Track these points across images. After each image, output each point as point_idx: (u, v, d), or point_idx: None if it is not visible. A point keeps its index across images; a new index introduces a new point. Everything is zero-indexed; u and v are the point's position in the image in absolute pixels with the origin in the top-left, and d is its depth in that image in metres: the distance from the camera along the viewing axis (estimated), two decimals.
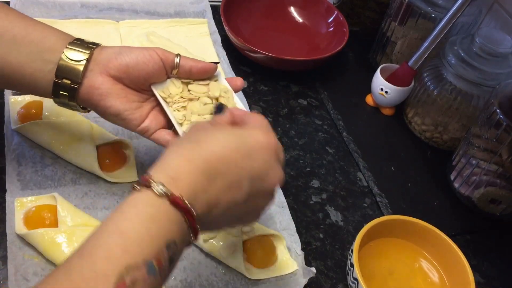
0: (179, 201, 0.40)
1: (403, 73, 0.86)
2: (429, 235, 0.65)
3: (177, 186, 0.41)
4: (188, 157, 0.43)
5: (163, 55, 0.57)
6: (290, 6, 1.04)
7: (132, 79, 0.56)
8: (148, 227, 0.38)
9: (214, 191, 0.43)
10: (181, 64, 0.58)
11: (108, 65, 0.55)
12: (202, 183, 0.42)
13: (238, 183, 0.44)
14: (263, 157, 0.46)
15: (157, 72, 0.57)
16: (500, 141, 0.70)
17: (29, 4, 0.88)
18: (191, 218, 0.41)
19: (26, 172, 0.65)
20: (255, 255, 0.62)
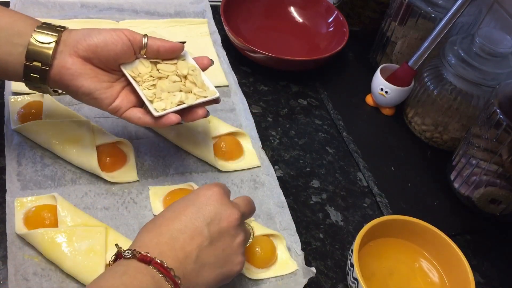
0: (147, 258, 0.47)
1: (403, 73, 0.86)
2: (429, 235, 0.65)
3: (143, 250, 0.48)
4: (149, 231, 0.50)
5: (131, 35, 0.59)
6: (290, 6, 1.04)
7: (102, 59, 0.58)
8: (121, 279, 0.45)
9: (179, 245, 0.49)
10: (149, 44, 0.60)
11: (77, 46, 0.56)
12: (167, 244, 0.49)
13: (197, 231, 0.50)
14: (209, 204, 0.52)
15: (126, 52, 0.59)
16: (500, 141, 0.70)
17: (29, 4, 0.88)
18: (163, 269, 0.47)
19: (26, 172, 0.65)
20: (255, 255, 0.62)
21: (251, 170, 0.74)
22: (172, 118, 0.58)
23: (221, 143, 0.74)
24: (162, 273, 0.46)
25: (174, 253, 0.49)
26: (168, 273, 0.47)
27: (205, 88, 0.63)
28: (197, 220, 0.51)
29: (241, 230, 0.54)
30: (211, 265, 0.51)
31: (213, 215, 0.52)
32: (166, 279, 0.46)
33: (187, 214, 0.51)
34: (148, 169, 0.71)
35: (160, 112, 0.58)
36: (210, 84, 0.63)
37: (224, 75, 0.88)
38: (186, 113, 0.61)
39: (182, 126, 0.74)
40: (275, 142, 0.81)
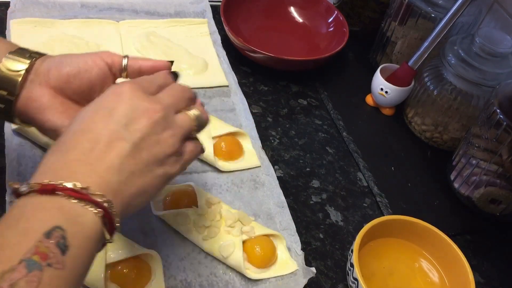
0: (49, 186, 0.38)
1: (403, 73, 0.86)
2: (429, 235, 0.65)
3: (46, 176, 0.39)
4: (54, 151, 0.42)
5: (108, 58, 0.52)
6: (290, 6, 1.04)
7: (75, 90, 0.51)
8: (17, 228, 0.36)
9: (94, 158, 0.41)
10: (129, 65, 0.53)
11: (49, 76, 0.50)
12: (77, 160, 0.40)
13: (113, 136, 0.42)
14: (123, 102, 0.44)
15: (102, 79, 0.52)
16: (500, 141, 0.70)
17: (29, 4, 0.88)
18: (74, 193, 0.38)
19: (26, 172, 0.65)
20: (255, 255, 0.62)
21: (251, 170, 0.74)
22: None
23: (221, 143, 0.74)
24: (74, 197, 0.38)
25: (89, 168, 0.40)
26: (82, 195, 0.38)
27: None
28: (111, 124, 0.43)
29: (169, 122, 0.46)
30: (141, 171, 0.43)
31: (128, 113, 0.44)
32: (82, 202, 0.38)
33: (97, 120, 0.43)
34: None
35: None
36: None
37: (224, 75, 0.88)
38: None
39: None
40: (275, 142, 0.81)
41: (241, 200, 0.70)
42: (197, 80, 0.85)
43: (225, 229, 0.63)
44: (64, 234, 0.36)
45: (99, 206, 0.39)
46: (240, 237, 0.63)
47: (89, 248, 0.39)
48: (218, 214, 0.64)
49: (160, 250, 0.62)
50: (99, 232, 0.39)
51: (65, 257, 0.36)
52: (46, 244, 0.35)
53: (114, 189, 0.41)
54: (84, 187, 0.39)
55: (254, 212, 0.69)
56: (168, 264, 0.61)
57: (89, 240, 0.39)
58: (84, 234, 0.38)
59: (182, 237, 0.64)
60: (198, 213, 0.64)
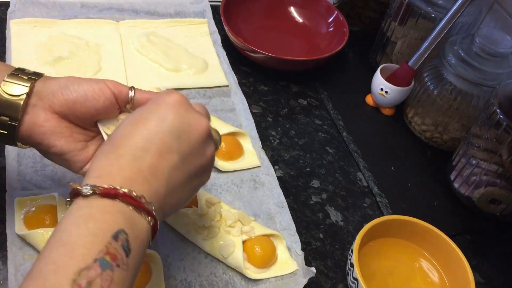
0: (111, 191, 0.39)
1: (403, 73, 0.86)
2: (429, 235, 0.65)
3: (105, 180, 0.40)
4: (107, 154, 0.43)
5: (115, 88, 0.51)
6: (290, 6, 1.04)
7: (79, 116, 0.50)
8: (87, 228, 0.37)
9: (146, 167, 0.42)
10: (137, 98, 0.52)
11: (53, 100, 0.49)
12: (130, 166, 0.41)
13: (165, 147, 0.43)
14: (175, 113, 0.45)
15: (108, 108, 0.51)
16: (500, 141, 0.70)
17: (29, 4, 0.88)
18: (133, 201, 0.40)
19: (26, 172, 0.65)
20: (255, 255, 0.62)
21: (251, 170, 0.74)
22: None
23: (221, 143, 0.74)
24: (132, 205, 0.40)
25: (142, 176, 0.41)
26: (139, 203, 0.40)
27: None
28: (163, 133, 0.44)
29: (211, 139, 0.48)
30: (183, 183, 0.45)
31: (180, 126, 0.45)
32: (138, 210, 0.40)
33: (149, 127, 0.44)
34: None
35: None
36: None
37: (224, 75, 0.88)
38: None
39: None
40: (275, 142, 0.81)
41: (241, 200, 0.70)
42: (197, 80, 0.85)
43: (225, 229, 0.63)
44: (127, 237, 0.38)
45: (151, 215, 0.41)
46: (240, 237, 0.63)
47: (143, 252, 0.41)
48: (218, 214, 0.64)
49: (160, 250, 0.62)
50: (149, 238, 0.42)
51: (129, 259, 0.38)
52: (114, 245, 0.37)
53: (161, 200, 0.43)
54: (139, 195, 0.40)
55: (254, 212, 0.69)
56: (168, 264, 0.61)
57: (144, 244, 0.41)
58: (140, 239, 0.40)
59: (182, 237, 0.64)
60: (198, 213, 0.64)
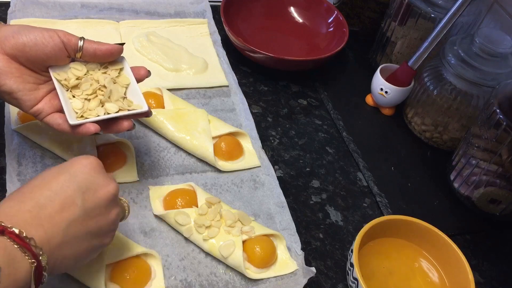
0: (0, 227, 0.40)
1: (403, 73, 0.86)
2: (429, 235, 0.65)
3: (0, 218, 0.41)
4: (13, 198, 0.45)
5: (64, 37, 0.56)
6: (290, 6, 1.04)
7: (29, 59, 0.55)
8: None
9: (45, 215, 0.44)
10: (85, 47, 0.57)
11: (5, 43, 0.54)
12: (30, 212, 0.43)
13: (69, 200, 0.46)
14: (86, 172, 0.48)
15: (57, 54, 0.56)
16: (500, 141, 0.70)
17: (29, 4, 0.88)
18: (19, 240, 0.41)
19: (26, 172, 0.65)
20: (255, 255, 0.62)
21: (251, 170, 0.74)
22: (90, 128, 0.56)
23: (221, 143, 0.74)
24: (18, 244, 0.40)
25: (38, 222, 0.43)
26: (25, 244, 0.41)
27: (130, 102, 0.61)
28: (70, 188, 0.46)
29: (117, 204, 0.51)
30: (81, 238, 0.46)
31: (88, 184, 0.48)
32: (23, 250, 0.41)
33: (59, 181, 0.46)
34: (148, 169, 0.71)
35: (77, 120, 0.56)
36: (140, 96, 0.61)
37: (224, 75, 0.88)
38: (109, 124, 0.59)
39: (182, 127, 0.74)
40: (275, 142, 0.81)
41: (241, 200, 0.70)
42: (197, 80, 0.85)
43: (225, 229, 0.63)
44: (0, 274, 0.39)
45: (35, 258, 0.41)
46: (240, 237, 0.63)
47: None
48: (218, 214, 0.64)
49: (160, 250, 0.62)
50: (28, 281, 0.41)
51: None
52: None
53: (53, 248, 0.44)
54: (28, 237, 0.41)
55: (254, 212, 0.69)
56: (168, 264, 0.61)
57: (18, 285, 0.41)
58: (15, 277, 0.40)
59: (182, 237, 0.64)
60: (198, 213, 0.64)
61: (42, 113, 0.57)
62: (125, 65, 0.62)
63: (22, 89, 0.55)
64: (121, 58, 0.62)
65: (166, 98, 0.78)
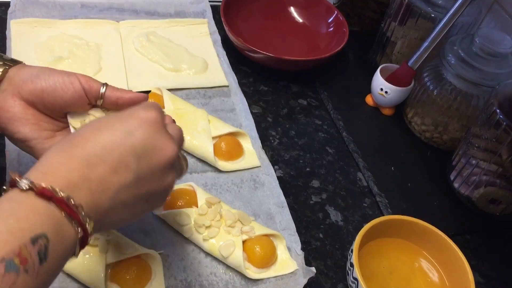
0: (47, 192, 0.37)
1: (403, 73, 0.86)
2: (429, 235, 0.65)
3: (48, 179, 0.38)
4: (62, 151, 0.41)
5: (86, 83, 0.52)
6: (290, 6, 1.04)
7: (47, 105, 0.52)
8: (7, 224, 0.35)
9: (96, 177, 0.40)
10: (107, 95, 0.53)
11: (22, 87, 0.50)
12: (79, 171, 0.39)
13: (122, 163, 0.41)
14: (144, 131, 0.43)
15: (77, 101, 0.52)
16: (500, 141, 0.70)
17: (29, 4, 0.88)
18: (67, 208, 0.38)
19: (26, 172, 0.65)
20: (255, 255, 0.62)
21: (251, 170, 0.74)
22: None
23: (221, 143, 0.74)
24: (66, 212, 0.38)
25: (87, 184, 0.40)
26: (73, 212, 0.38)
27: None
28: (124, 148, 0.42)
29: (173, 168, 0.46)
30: (131, 204, 0.43)
31: (145, 146, 0.43)
32: (70, 219, 0.38)
33: (113, 137, 0.42)
34: None
35: None
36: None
37: (224, 75, 0.88)
38: None
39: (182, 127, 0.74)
40: (275, 142, 0.81)
41: (241, 200, 0.70)
42: (197, 80, 0.85)
43: (225, 229, 0.63)
44: (47, 244, 0.36)
45: (83, 227, 0.39)
46: (240, 237, 0.63)
47: (61, 263, 0.39)
48: (218, 214, 0.64)
49: (160, 250, 0.62)
50: (73, 249, 0.39)
51: (41, 267, 0.36)
52: (29, 249, 0.35)
53: (101, 214, 0.41)
54: (77, 204, 0.38)
55: (254, 212, 0.69)
56: (168, 264, 0.61)
57: (64, 255, 0.39)
58: (62, 248, 0.38)
59: (182, 237, 0.64)
60: (198, 213, 0.64)
61: None
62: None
63: (38, 137, 0.52)
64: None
65: (166, 98, 0.78)
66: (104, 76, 0.80)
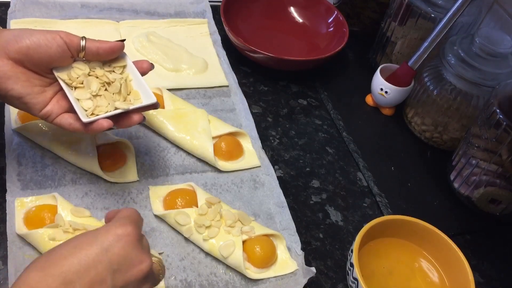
0: None
1: (403, 73, 0.86)
2: (429, 235, 0.65)
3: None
4: (39, 269, 0.42)
5: (67, 38, 0.56)
6: (290, 6, 1.04)
7: (34, 62, 0.55)
8: None
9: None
10: (87, 47, 0.57)
11: (8, 48, 0.53)
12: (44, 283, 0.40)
13: (98, 278, 0.42)
14: (120, 248, 0.45)
15: (61, 56, 0.56)
16: (500, 141, 0.70)
17: (29, 4, 0.88)
18: None
19: (26, 172, 0.65)
20: (255, 255, 0.62)
21: (251, 170, 0.74)
22: (103, 124, 0.56)
23: (221, 143, 0.74)
24: None
25: None
26: None
27: (138, 95, 0.61)
28: (101, 264, 0.43)
29: (148, 280, 0.48)
30: None
31: (121, 261, 0.44)
32: None
33: (90, 254, 0.43)
34: (148, 169, 0.71)
35: (90, 118, 0.56)
36: (147, 89, 0.61)
37: (224, 75, 0.88)
38: (120, 119, 0.59)
39: (182, 127, 0.74)
40: (275, 142, 0.81)
41: (241, 200, 0.70)
42: (197, 80, 0.85)
43: (225, 229, 0.63)
44: None
45: None
46: (240, 237, 0.63)
47: None
48: (218, 214, 0.64)
49: (160, 250, 0.62)
50: None
51: None
52: None
53: None
54: None
55: (254, 212, 0.69)
56: (168, 264, 0.61)
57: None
58: None
59: (182, 237, 0.64)
60: (198, 213, 0.64)
61: (52, 114, 0.57)
62: (128, 61, 0.62)
63: (31, 92, 0.55)
64: (123, 54, 0.62)
65: (166, 98, 0.78)
66: None
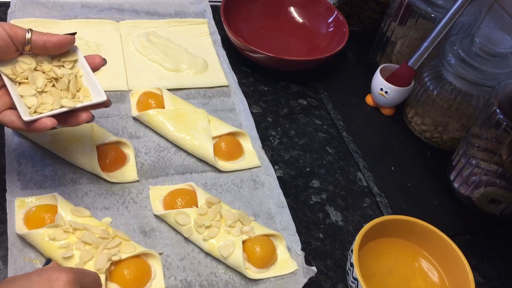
0: None
1: (403, 73, 0.86)
2: (429, 235, 0.65)
3: None
4: None
5: (10, 30, 0.53)
6: (290, 6, 1.04)
7: None
8: None
9: None
10: (33, 40, 0.54)
11: None
12: None
13: None
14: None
15: (3, 49, 0.53)
16: (500, 141, 0.70)
17: (29, 4, 0.88)
18: None
19: (26, 172, 0.65)
20: (255, 255, 0.62)
21: (251, 170, 0.74)
22: (46, 123, 0.53)
23: (221, 143, 0.74)
24: None
25: None
26: None
27: (88, 92, 0.58)
28: None
29: None
30: None
31: None
32: None
33: None
34: (148, 169, 0.71)
35: (32, 116, 0.54)
36: (98, 86, 0.58)
37: (224, 75, 0.88)
38: (67, 117, 0.56)
39: (182, 127, 0.74)
40: (275, 142, 0.81)
41: (241, 200, 0.70)
42: (197, 80, 0.85)
43: (225, 229, 0.63)
44: None
45: None
46: (240, 237, 0.63)
47: None
48: (218, 214, 0.64)
49: (160, 250, 0.62)
50: None
51: None
52: None
53: None
54: None
55: (254, 212, 0.69)
56: (168, 264, 0.61)
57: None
58: None
59: (182, 237, 0.64)
60: (198, 213, 0.64)
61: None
62: (79, 55, 0.60)
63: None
64: (74, 48, 0.59)
65: (166, 98, 0.78)
66: (104, 76, 0.80)
